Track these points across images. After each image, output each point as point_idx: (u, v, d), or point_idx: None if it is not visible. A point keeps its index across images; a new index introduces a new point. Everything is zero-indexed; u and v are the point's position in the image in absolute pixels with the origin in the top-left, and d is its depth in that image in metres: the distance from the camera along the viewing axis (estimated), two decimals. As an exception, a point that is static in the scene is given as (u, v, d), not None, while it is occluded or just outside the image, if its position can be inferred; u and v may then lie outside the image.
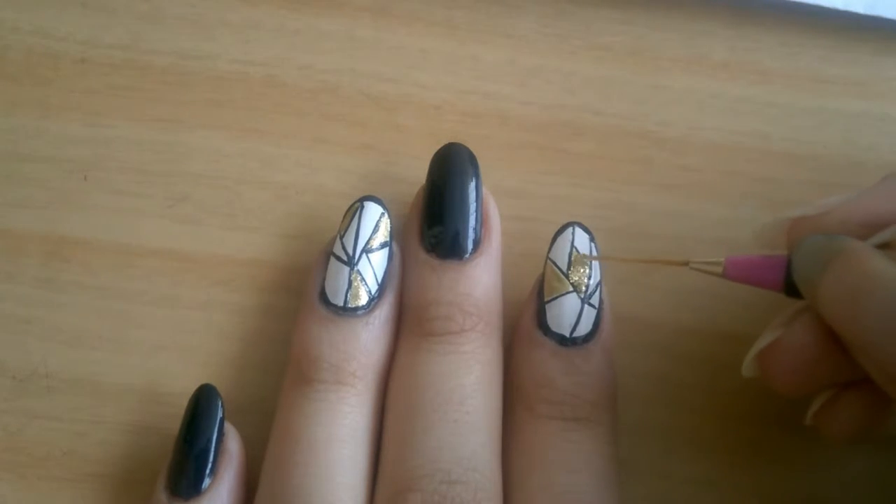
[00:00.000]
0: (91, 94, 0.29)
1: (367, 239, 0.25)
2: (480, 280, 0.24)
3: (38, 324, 0.27)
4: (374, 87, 0.29)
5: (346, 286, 0.24)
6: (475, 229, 0.25)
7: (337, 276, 0.24)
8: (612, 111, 0.29)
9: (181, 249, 0.27)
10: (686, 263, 0.23)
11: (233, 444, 0.24)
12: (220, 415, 0.24)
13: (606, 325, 0.25)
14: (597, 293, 0.25)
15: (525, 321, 0.25)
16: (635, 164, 0.28)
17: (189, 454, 0.23)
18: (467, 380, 0.23)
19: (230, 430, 0.24)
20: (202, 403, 0.24)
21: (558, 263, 0.25)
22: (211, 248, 0.27)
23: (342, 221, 0.25)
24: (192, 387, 0.26)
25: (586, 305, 0.24)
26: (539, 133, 0.29)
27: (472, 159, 0.25)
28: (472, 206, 0.25)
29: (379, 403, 0.24)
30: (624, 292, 0.27)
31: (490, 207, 0.25)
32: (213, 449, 0.23)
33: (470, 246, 0.25)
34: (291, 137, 0.28)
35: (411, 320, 0.24)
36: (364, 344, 0.24)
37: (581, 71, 0.29)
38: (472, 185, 0.25)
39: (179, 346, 0.27)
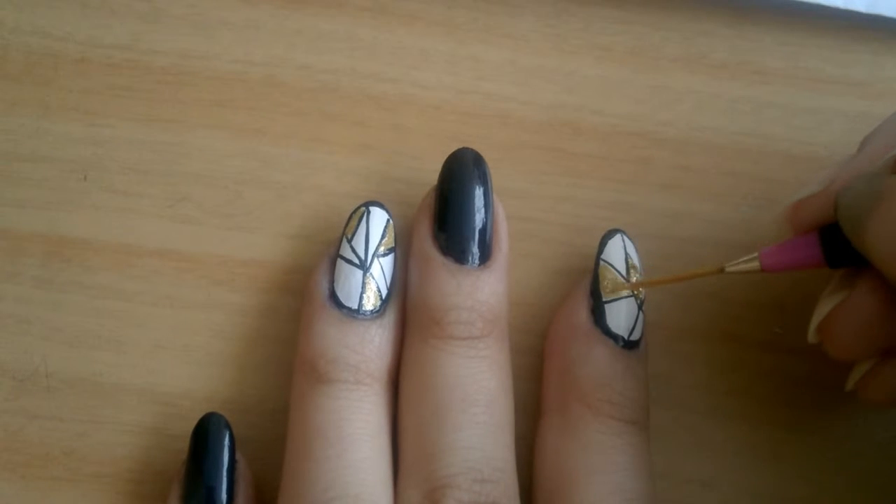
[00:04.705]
0: (91, 94, 0.29)
1: (377, 243, 0.25)
2: (496, 287, 0.25)
3: (38, 324, 0.27)
4: (374, 87, 0.29)
5: (360, 289, 0.25)
6: (490, 235, 0.25)
7: (349, 279, 0.25)
8: (612, 111, 0.29)
9: (181, 249, 0.27)
10: (721, 270, 0.23)
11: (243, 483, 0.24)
12: (228, 454, 0.24)
13: (645, 334, 0.26)
14: (643, 301, 0.25)
15: (579, 318, 0.25)
16: (635, 164, 0.28)
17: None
18: (491, 383, 0.24)
19: (240, 461, 0.24)
20: (210, 445, 0.24)
21: (616, 266, 0.25)
22: (211, 248, 0.27)
23: (348, 224, 0.25)
24: (192, 387, 0.26)
25: (640, 311, 0.25)
26: (539, 133, 0.29)
27: (485, 164, 0.26)
28: (489, 212, 0.25)
29: (392, 402, 0.25)
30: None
31: (500, 213, 0.26)
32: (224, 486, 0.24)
33: (487, 251, 0.25)
34: (291, 137, 0.28)
35: (427, 322, 0.24)
36: (379, 346, 0.24)
37: (581, 71, 0.29)
38: (488, 190, 0.25)
39: (179, 346, 0.27)
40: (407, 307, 0.25)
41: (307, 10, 0.29)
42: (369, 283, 0.25)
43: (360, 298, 0.25)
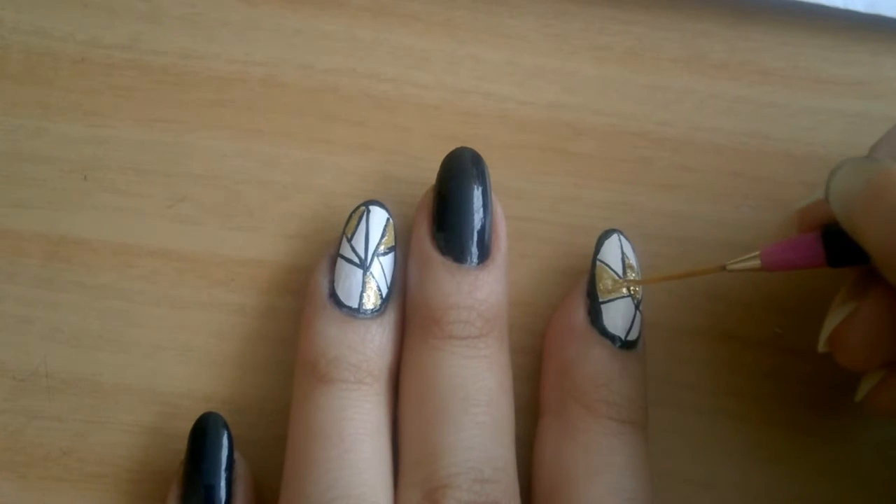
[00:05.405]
0: (91, 94, 0.29)
1: (377, 242, 0.25)
2: (495, 286, 0.25)
3: (38, 324, 0.27)
4: (374, 87, 0.29)
5: (360, 288, 0.25)
6: (489, 234, 0.25)
7: (349, 278, 0.25)
8: (612, 111, 0.29)
9: (181, 249, 0.27)
10: (722, 268, 0.23)
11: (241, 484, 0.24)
12: (226, 453, 0.24)
13: (643, 333, 0.26)
14: (640, 301, 0.25)
15: (576, 319, 0.25)
16: (635, 164, 0.28)
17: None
18: (492, 383, 0.24)
19: (239, 461, 0.24)
20: (208, 444, 0.24)
21: (613, 267, 0.25)
22: (211, 248, 0.27)
23: (348, 224, 0.25)
24: (192, 387, 0.26)
25: (637, 311, 0.25)
26: (539, 133, 0.29)
27: (483, 163, 0.26)
28: (487, 212, 0.25)
29: (393, 401, 0.25)
30: (624, 292, 0.27)
31: (498, 213, 0.26)
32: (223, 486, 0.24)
33: (486, 251, 0.25)
34: (291, 137, 0.28)
35: (427, 321, 0.24)
36: (380, 345, 0.24)
37: (581, 71, 0.29)
38: (487, 189, 0.25)
39: (179, 346, 0.27)
40: (406, 307, 0.25)
41: (307, 10, 0.29)
42: (369, 283, 0.25)
43: (361, 297, 0.25)
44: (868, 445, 0.26)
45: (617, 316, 0.25)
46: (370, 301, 0.25)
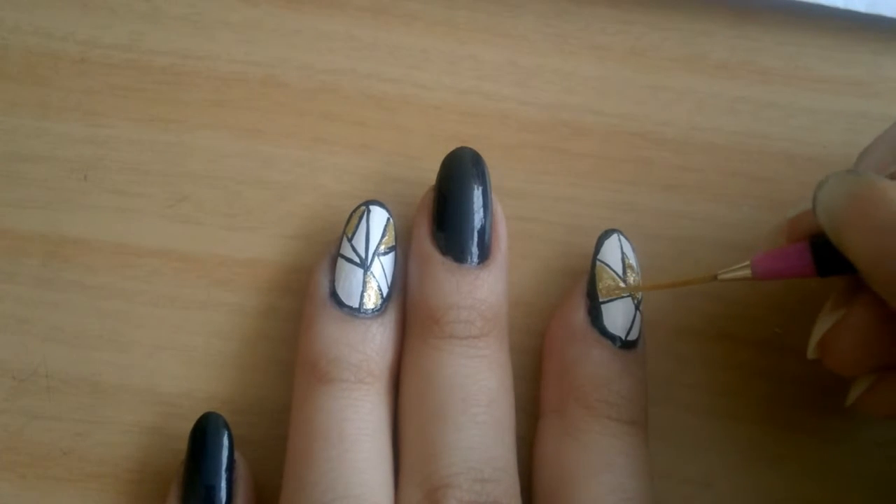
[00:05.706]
0: (91, 94, 0.29)
1: (377, 242, 0.25)
2: (495, 286, 0.25)
3: (38, 324, 0.27)
4: (374, 87, 0.29)
5: (360, 288, 0.25)
6: (489, 234, 0.25)
7: (350, 277, 0.25)
8: (612, 111, 0.29)
9: (181, 249, 0.27)
10: (714, 278, 0.24)
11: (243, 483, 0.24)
12: (227, 453, 0.24)
13: (643, 333, 0.26)
14: (640, 301, 0.26)
15: (576, 319, 0.25)
16: (635, 164, 0.28)
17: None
18: (491, 383, 0.24)
19: (239, 461, 0.24)
20: (209, 444, 0.24)
21: (613, 267, 0.25)
22: (211, 248, 0.27)
23: (348, 224, 0.25)
24: (192, 387, 0.26)
25: (637, 311, 0.25)
26: (539, 133, 0.29)
27: (483, 163, 0.26)
28: (487, 211, 0.25)
29: (393, 401, 0.25)
30: (624, 292, 0.27)
31: (499, 213, 0.26)
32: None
33: (486, 251, 0.25)
34: (291, 137, 0.28)
35: (427, 321, 0.24)
36: (380, 344, 0.24)
37: (581, 71, 0.29)
38: (487, 189, 0.25)
39: (179, 346, 0.27)
40: (407, 307, 0.25)
41: (307, 10, 0.29)
42: (370, 282, 0.25)
43: (361, 297, 0.25)
44: (869, 445, 0.26)
45: (617, 316, 0.25)
46: (371, 301, 0.25)
